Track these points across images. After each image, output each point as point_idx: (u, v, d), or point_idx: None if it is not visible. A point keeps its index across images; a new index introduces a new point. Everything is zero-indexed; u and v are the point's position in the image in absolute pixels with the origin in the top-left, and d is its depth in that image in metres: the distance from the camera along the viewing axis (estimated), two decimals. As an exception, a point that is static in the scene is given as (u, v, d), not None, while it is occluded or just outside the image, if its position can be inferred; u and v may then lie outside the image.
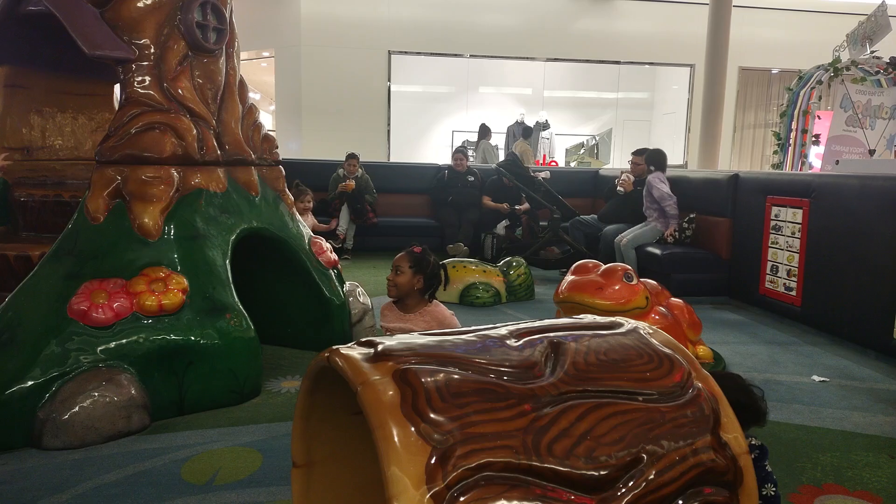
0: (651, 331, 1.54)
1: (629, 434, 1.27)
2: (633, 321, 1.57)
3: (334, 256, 3.81)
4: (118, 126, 2.93)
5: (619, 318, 1.59)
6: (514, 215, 7.07)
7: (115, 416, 2.44)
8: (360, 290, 3.93)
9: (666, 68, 12.67)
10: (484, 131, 10.55)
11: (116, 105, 3.91)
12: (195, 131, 3.06)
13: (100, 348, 2.50)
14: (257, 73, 12.40)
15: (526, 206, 6.97)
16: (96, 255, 2.70)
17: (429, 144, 12.93)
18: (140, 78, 2.99)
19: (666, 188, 5.47)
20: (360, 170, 7.22)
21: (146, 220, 2.78)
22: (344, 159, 7.20)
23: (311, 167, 7.35)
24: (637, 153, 6.17)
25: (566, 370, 1.32)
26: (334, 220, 6.93)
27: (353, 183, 7.04)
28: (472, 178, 7.42)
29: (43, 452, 2.35)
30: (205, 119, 3.16)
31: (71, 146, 3.79)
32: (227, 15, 3.33)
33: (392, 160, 10.97)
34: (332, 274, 3.71)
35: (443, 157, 11.67)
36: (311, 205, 6.21)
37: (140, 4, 2.98)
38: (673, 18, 11.59)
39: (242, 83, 3.58)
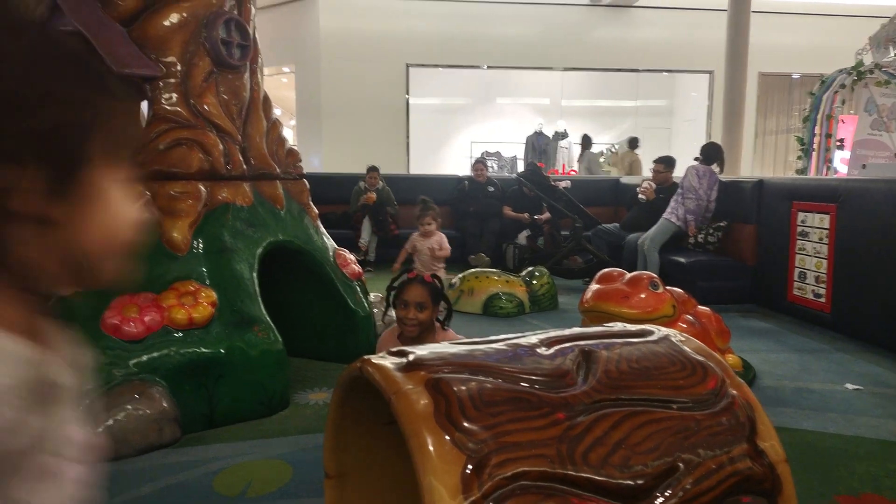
0: (683, 338, 1.53)
1: (664, 442, 1.26)
2: (663, 328, 1.56)
3: (359, 268, 3.83)
4: (146, 143, 2.99)
5: (649, 326, 1.58)
6: (536, 225, 7.06)
7: (147, 429, 2.47)
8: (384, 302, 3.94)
9: (685, 75, 12.60)
10: (586, 141, 10.55)
11: (143, 122, 3.98)
12: (221, 146, 3.10)
13: (132, 362, 2.54)
14: (278, 88, 12.57)
15: (547, 215, 6.95)
16: (127, 270, 2.74)
17: (448, 156, 12.98)
18: (167, 95, 3.05)
19: (696, 182, 5.38)
20: (381, 182, 7.26)
21: (175, 235, 2.82)
22: (365, 172, 7.25)
23: (332, 181, 7.42)
24: (658, 161, 6.14)
25: (598, 378, 1.31)
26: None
27: (374, 195, 7.08)
28: (493, 189, 7.43)
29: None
30: (230, 134, 3.20)
31: (100, 164, 3.86)
32: (251, 31, 3.39)
33: (411, 172, 11.02)
34: (357, 286, 3.73)
35: (462, 169, 11.71)
36: (431, 226, 4.87)
37: (166, 23, 3.05)
38: (691, 25, 11.54)
39: (266, 98, 3.63)
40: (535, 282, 5.19)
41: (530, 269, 5.43)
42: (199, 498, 2.17)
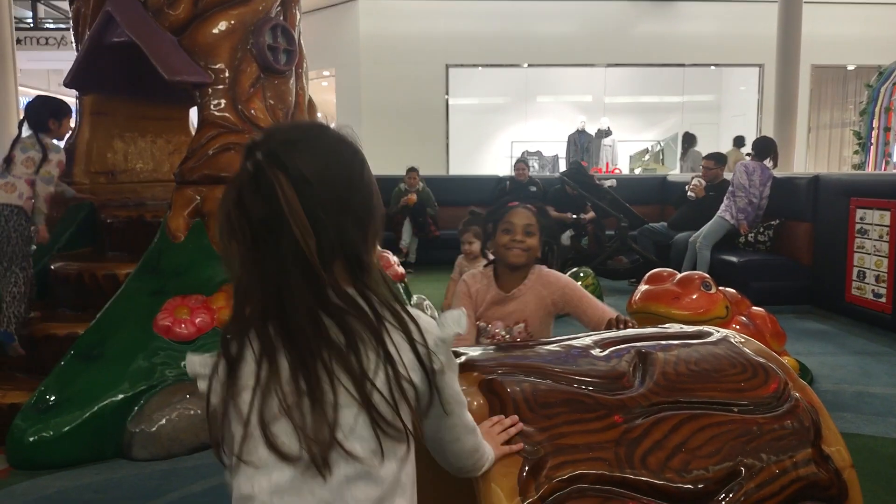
0: (742, 339, 1.48)
1: (725, 446, 1.22)
2: (722, 330, 1.51)
3: (401, 270, 3.85)
4: (196, 148, 3.06)
5: (707, 327, 1.54)
6: (580, 225, 6.95)
7: (198, 428, 2.52)
8: (427, 303, 3.94)
9: (733, 69, 12.27)
10: (690, 139, 10.42)
11: (192, 128, 4.08)
12: (268, 150, 3.14)
13: (183, 362, 2.59)
14: (318, 92, 12.71)
15: (591, 214, 6.85)
16: (178, 273, 2.81)
17: (488, 156, 12.93)
18: (216, 101, 3.12)
19: (744, 180, 5.22)
20: (420, 183, 7.27)
21: (224, 238, 2.87)
22: (404, 173, 7.27)
23: (374, 182, 7.46)
24: (708, 157, 5.98)
25: (656, 380, 1.27)
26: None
27: (415, 197, 7.10)
28: (535, 189, 7.36)
29: (132, 463, 2.45)
30: (277, 138, 3.25)
31: (150, 168, 3.97)
32: (296, 37, 3.44)
33: (451, 173, 11.02)
34: (400, 288, 3.74)
35: (503, 169, 11.65)
36: (473, 245, 4.05)
37: (215, 30, 3.11)
38: (739, 18, 11.23)
39: (311, 102, 3.68)
40: (579, 282, 5.11)
41: (574, 269, 5.35)
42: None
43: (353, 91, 11.40)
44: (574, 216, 6.96)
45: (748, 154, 5.42)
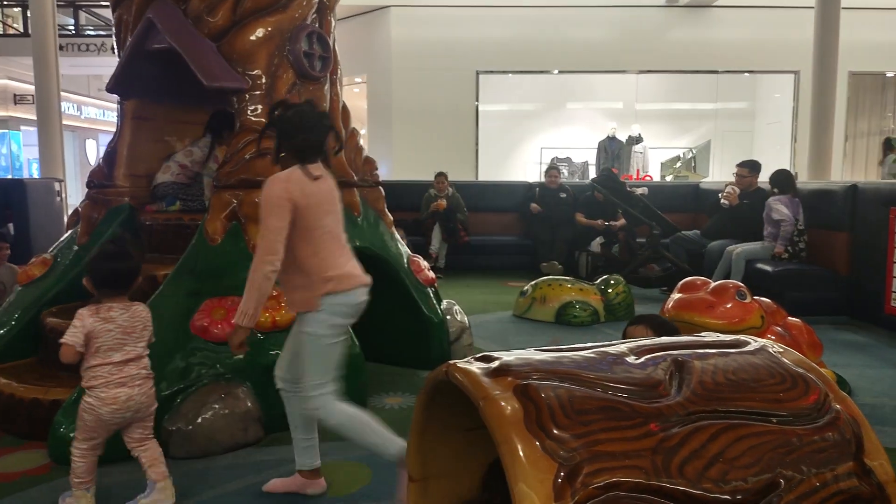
0: (781, 349, 1.46)
1: (764, 457, 1.21)
2: (760, 339, 1.49)
3: (432, 275, 3.86)
4: (233, 153, 3.12)
5: (744, 336, 1.52)
6: (610, 232, 6.90)
7: (233, 427, 2.56)
8: (457, 308, 3.95)
9: (768, 76, 12.08)
10: (890, 145, 10.24)
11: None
12: (303, 155, 3.19)
13: (219, 363, 2.64)
14: (350, 98, 12.77)
15: (621, 221, 6.80)
16: (215, 274, 2.86)
17: (517, 162, 12.91)
18: (252, 106, 3.18)
19: (787, 212, 5.11)
20: (450, 189, 7.30)
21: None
22: (433, 179, 7.30)
23: (402, 188, 7.50)
24: (742, 165, 5.89)
25: (693, 389, 1.27)
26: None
27: (444, 202, 7.12)
28: (565, 195, 7.33)
29: (169, 460, 2.48)
30: (311, 143, 3.29)
31: (188, 173, 4.05)
32: (331, 43, 3.48)
33: (480, 179, 11.02)
34: (430, 292, 3.76)
35: (532, 175, 11.61)
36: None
37: (252, 37, 3.17)
38: (775, 24, 11.06)
39: (345, 108, 3.72)
40: (610, 290, 5.09)
41: (605, 277, 5.32)
42: (284, 497, 2.22)
43: (385, 97, 11.49)
44: (605, 224, 6.92)
45: (773, 190, 5.28)
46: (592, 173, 10.91)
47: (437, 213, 7.09)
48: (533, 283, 5.24)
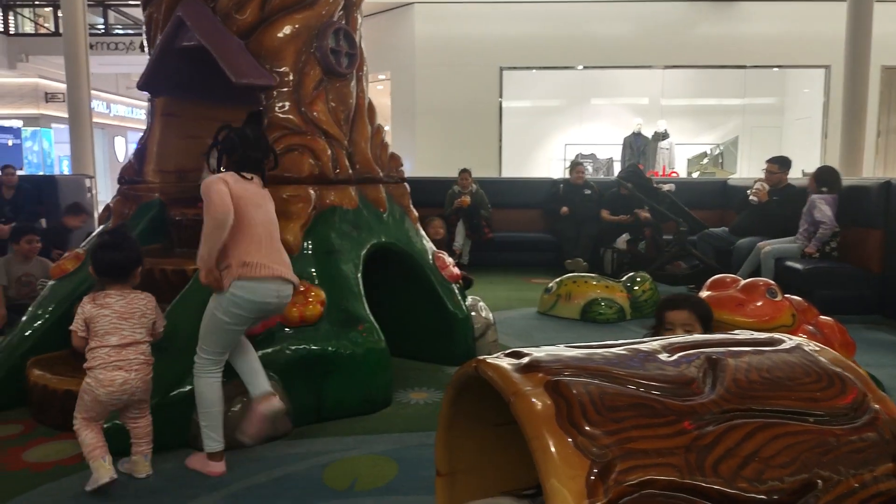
0: (817, 348, 1.43)
1: (801, 457, 1.19)
2: (794, 337, 1.47)
3: (457, 271, 3.86)
4: (262, 149, 3.14)
5: (778, 334, 1.50)
6: (637, 227, 6.79)
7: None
8: (481, 304, 3.94)
9: (797, 71, 11.86)
10: None
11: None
12: (330, 152, 3.22)
13: (248, 356, 2.66)
14: (373, 95, 12.76)
15: (646, 214, 6.70)
16: (243, 269, 2.89)
17: (541, 158, 12.85)
18: (280, 103, 3.20)
19: (829, 213, 4.99)
20: (473, 185, 7.28)
21: (288, 237, 2.94)
22: (457, 175, 7.29)
23: (425, 184, 7.49)
24: (772, 161, 5.78)
25: (727, 387, 1.25)
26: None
27: (468, 198, 7.11)
28: (590, 192, 7.27)
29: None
30: (338, 140, 3.32)
31: (216, 169, 4.10)
32: (358, 40, 3.50)
33: (504, 175, 10.99)
34: (455, 288, 3.76)
35: (556, 171, 11.55)
36: None
37: (280, 34, 3.19)
38: (804, 18, 10.85)
39: (371, 105, 3.73)
40: (636, 287, 5.04)
41: (631, 274, 5.27)
42: (311, 489, 2.25)
43: (408, 94, 11.51)
44: (632, 216, 6.79)
45: (821, 190, 5.09)
46: (617, 170, 10.81)
47: (461, 209, 7.08)
48: (558, 279, 5.21)
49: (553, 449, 1.09)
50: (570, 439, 1.11)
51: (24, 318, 3.22)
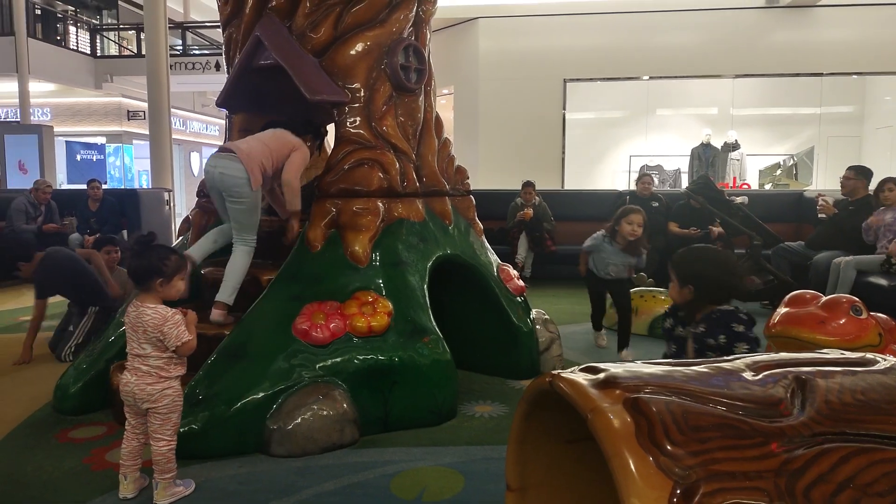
0: (915, 370, 1.35)
1: (900, 486, 1.12)
2: (891, 357, 1.39)
3: (522, 284, 3.84)
4: (333, 163, 3.23)
5: (871, 354, 1.42)
6: (708, 240, 6.57)
7: (330, 428, 2.64)
8: (546, 317, 3.91)
9: (878, 78, 11.32)
10: None
11: (327, 145, 4.30)
12: (398, 165, 3.27)
13: (318, 365, 2.73)
14: (437, 109, 13.02)
15: (719, 230, 6.49)
16: (315, 280, 2.97)
17: (605, 171, 12.68)
18: (352, 118, 3.28)
19: None
20: (537, 198, 7.24)
21: (357, 248, 3.00)
22: (520, 188, 7.27)
23: (488, 197, 7.50)
24: (851, 168, 5.48)
25: (818, 409, 1.19)
26: None
27: (531, 211, 7.07)
28: (657, 204, 7.10)
29: (270, 458, 2.60)
30: (406, 154, 3.37)
31: (287, 182, 4.22)
32: (426, 56, 3.55)
33: (566, 188, 10.89)
34: (520, 301, 3.74)
35: (620, 183, 11.36)
36: None
37: (353, 52, 3.28)
38: (885, 23, 10.36)
39: (438, 119, 3.78)
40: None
41: (700, 289, 5.10)
42: (379, 499, 2.27)
43: (471, 108, 11.59)
44: (700, 230, 6.60)
45: None
46: (685, 181, 10.55)
47: (524, 222, 7.04)
48: (624, 294, 5.09)
49: (634, 468, 1.07)
50: (651, 459, 1.08)
51: (110, 325, 3.40)
